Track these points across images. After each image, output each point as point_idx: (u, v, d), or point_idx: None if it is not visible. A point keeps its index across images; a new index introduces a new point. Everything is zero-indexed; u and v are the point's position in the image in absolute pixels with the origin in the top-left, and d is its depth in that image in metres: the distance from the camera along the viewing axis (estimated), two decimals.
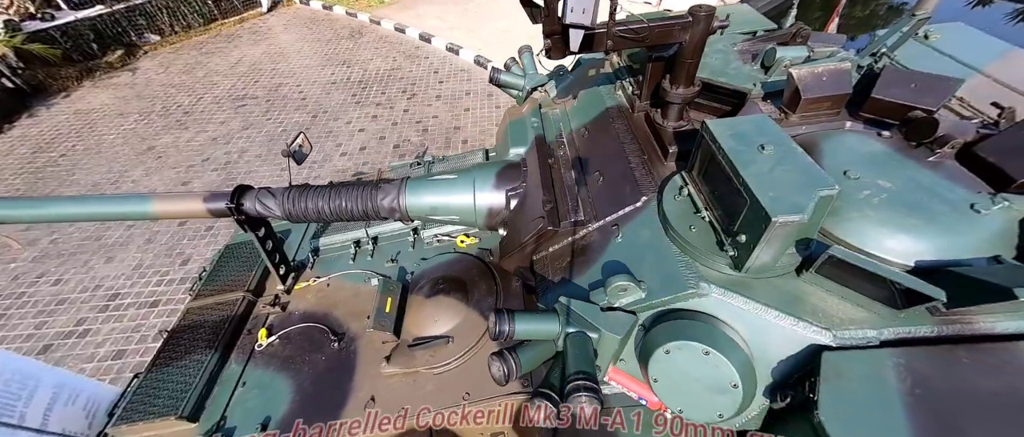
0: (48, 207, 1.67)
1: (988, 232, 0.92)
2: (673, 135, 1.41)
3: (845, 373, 0.82)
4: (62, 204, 1.68)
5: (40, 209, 1.67)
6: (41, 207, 1.67)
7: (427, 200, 1.73)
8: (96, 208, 1.68)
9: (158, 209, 1.71)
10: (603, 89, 1.85)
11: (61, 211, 1.67)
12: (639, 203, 1.30)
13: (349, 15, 10.12)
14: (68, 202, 1.68)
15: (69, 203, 1.68)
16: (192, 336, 2.00)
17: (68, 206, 1.68)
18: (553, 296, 1.36)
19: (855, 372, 0.82)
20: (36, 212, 1.66)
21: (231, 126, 6.46)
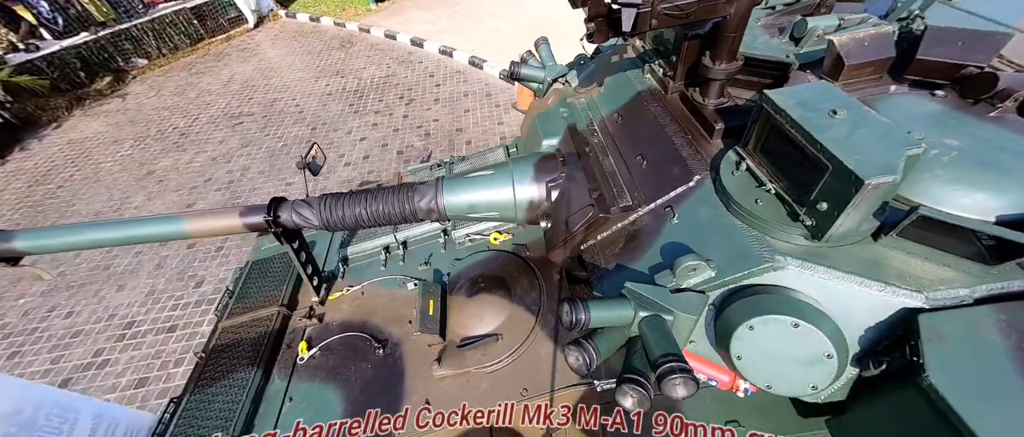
0: (80, 234, 1.63)
1: None
2: (716, 112, 1.40)
3: (946, 334, 0.81)
4: (95, 230, 1.64)
5: (73, 236, 1.63)
6: (73, 235, 1.63)
7: (465, 198, 1.71)
8: (130, 231, 1.65)
9: (192, 228, 1.67)
10: (631, 74, 1.84)
11: (94, 237, 1.63)
12: (692, 182, 1.29)
13: (337, 25, 10.06)
14: (100, 227, 1.64)
15: (102, 228, 1.64)
16: (231, 355, 1.96)
17: (101, 231, 1.64)
18: (610, 283, 1.35)
19: (956, 332, 0.81)
20: (69, 240, 1.62)
21: (230, 145, 6.38)
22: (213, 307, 3.94)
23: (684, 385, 0.88)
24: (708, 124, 1.39)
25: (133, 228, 1.65)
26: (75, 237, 1.63)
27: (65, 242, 1.63)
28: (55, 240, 1.62)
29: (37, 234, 1.63)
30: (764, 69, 1.41)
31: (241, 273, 2.82)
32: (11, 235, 1.60)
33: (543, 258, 1.98)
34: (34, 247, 1.62)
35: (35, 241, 1.61)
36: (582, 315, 1.01)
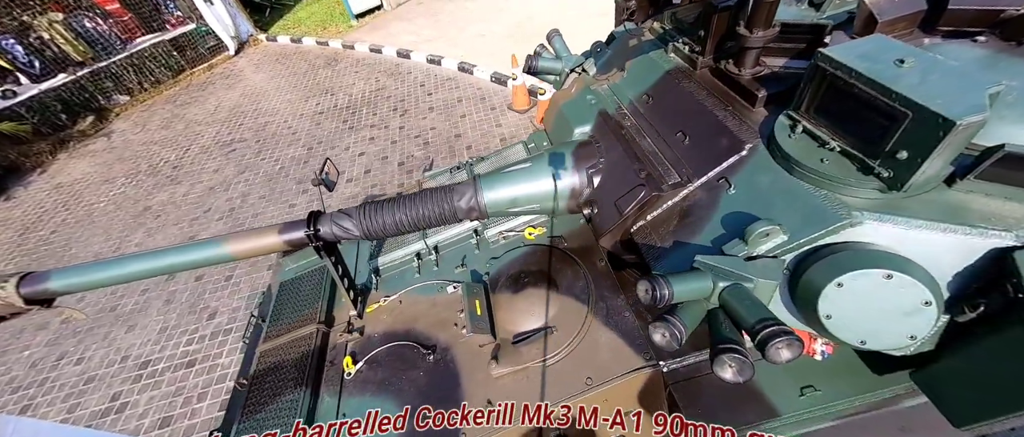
0: (117, 268, 1.58)
1: None
2: (754, 81, 1.41)
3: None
4: (132, 262, 1.58)
5: (109, 271, 1.57)
6: (109, 269, 1.57)
7: (506, 193, 1.69)
8: (170, 260, 1.60)
9: (233, 249, 1.63)
10: (653, 55, 1.85)
11: (132, 270, 1.58)
12: (744, 151, 1.29)
13: (320, 44, 10.00)
14: (138, 259, 1.59)
15: (139, 260, 1.59)
16: (275, 379, 1.91)
17: (139, 263, 1.58)
18: (671, 261, 1.34)
19: None
20: (105, 275, 1.57)
21: (226, 173, 6.28)
22: (230, 337, 3.86)
23: (788, 348, 0.87)
24: (748, 93, 1.40)
25: (173, 256, 1.60)
26: (111, 272, 1.58)
27: (101, 277, 1.58)
28: (91, 277, 1.57)
29: (71, 272, 1.57)
30: (797, 34, 1.42)
31: (264, 297, 2.76)
32: (45, 276, 1.55)
33: (583, 247, 1.97)
34: (70, 286, 1.56)
35: (70, 280, 1.55)
36: (665, 290, 0.99)
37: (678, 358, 1.43)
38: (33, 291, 1.53)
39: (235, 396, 2.09)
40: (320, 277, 2.33)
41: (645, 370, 1.45)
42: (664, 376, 1.43)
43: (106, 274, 1.58)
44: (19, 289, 1.52)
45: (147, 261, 1.59)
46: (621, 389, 1.48)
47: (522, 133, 5.71)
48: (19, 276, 1.55)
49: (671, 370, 1.42)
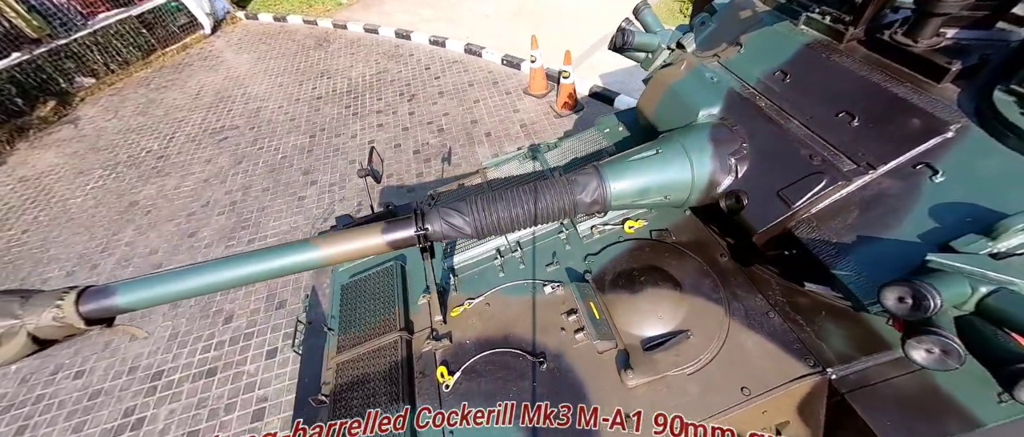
0: (191, 279, 1.32)
1: None
2: (938, 53, 1.27)
3: None
4: (208, 272, 1.33)
5: (182, 283, 1.31)
6: (182, 281, 1.31)
7: (634, 184, 1.52)
8: (253, 268, 1.35)
9: (327, 253, 1.40)
10: (779, 28, 1.68)
11: (209, 280, 1.32)
12: (950, 133, 1.16)
13: (307, 23, 9.34)
14: (214, 268, 1.33)
15: (215, 269, 1.33)
16: (362, 393, 1.71)
17: (217, 273, 1.33)
18: (859, 258, 1.21)
19: None
20: (178, 288, 1.31)
21: (221, 163, 5.79)
22: (252, 343, 3.56)
23: None
24: (932, 67, 1.26)
25: (256, 264, 1.35)
26: (185, 284, 1.32)
27: (174, 290, 1.31)
28: (162, 290, 1.30)
29: (139, 285, 1.30)
30: None
31: (310, 300, 2.52)
32: (109, 291, 1.28)
33: (696, 241, 1.83)
34: (139, 301, 1.30)
35: (139, 294, 1.29)
36: (937, 299, 0.85)
37: (846, 364, 1.32)
38: (95, 309, 1.26)
39: (312, 414, 1.86)
40: (389, 279, 2.10)
41: (810, 378, 1.33)
42: (833, 384, 1.31)
43: (180, 286, 1.32)
44: (78, 306, 1.24)
45: (227, 270, 1.34)
46: (780, 400, 1.36)
47: (543, 119, 5.50)
48: (76, 291, 1.27)
49: (841, 377, 1.30)
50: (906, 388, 1.28)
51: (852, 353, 1.34)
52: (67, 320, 1.25)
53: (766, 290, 1.57)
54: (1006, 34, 1.30)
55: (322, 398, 1.79)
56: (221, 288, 1.37)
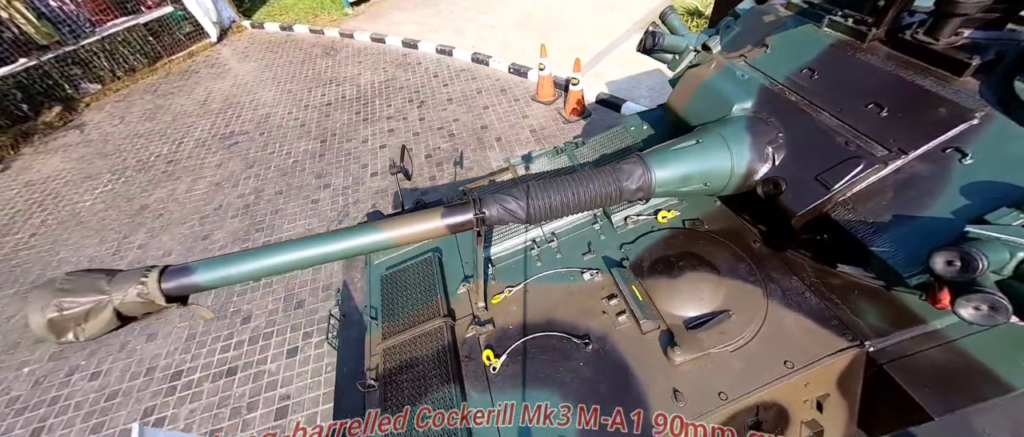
0: (264, 258, 1.38)
1: None
2: (957, 49, 1.40)
3: None
4: (282, 252, 1.39)
5: (257, 262, 1.38)
6: (257, 260, 1.37)
7: (677, 171, 1.62)
8: (324, 248, 1.42)
9: (393, 235, 1.47)
10: (805, 29, 1.81)
11: (283, 260, 1.38)
12: (975, 120, 1.27)
13: (314, 33, 9.48)
14: (287, 249, 1.39)
15: (289, 249, 1.39)
16: (411, 376, 1.76)
17: (290, 252, 1.39)
18: (897, 235, 1.31)
19: None
20: (253, 266, 1.37)
21: (232, 167, 5.82)
22: (272, 342, 3.57)
23: None
24: (953, 62, 1.38)
25: (328, 244, 1.42)
26: (260, 262, 1.38)
27: (249, 269, 1.37)
28: (237, 269, 1.36)
29: (216, 264, 1.36)
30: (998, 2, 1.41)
31: (342, 295, 2.57)
32: (189, 270, 1.34)
33: (728, 229, 1.93)
34: (216, 280, 1.36)
35: (216, 273, 1.35)
36: (984, 261, 0.95)
37: (882, 337, 1.40)
38: (176, 286, 1.33)
39: (351, 399, 1.90)
40: (428, 269, 2.17)
41: (849, 351, 1.41)
42: (870, 356, 1.40)
43: (254, 265, 1.38)
44: (161, 284, 1.30)
45: (298, 250, 1.40)
46: (821, 372, 1.44)
47: (552, 125, 5.63)
48: (158, 269, 1.33)
49: (878, 350, 1.39)
50: (939, 359, 1.36)
51: (887, 327, 1.43)
52: (150, 296, 1.31)
53: (800, 272, 1.67)
54: (1016, 34, 1.44)
55: (371, 383, 1.83)
56: (292, 268, 1.43)
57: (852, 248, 1.49)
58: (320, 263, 1.46)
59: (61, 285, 1.29)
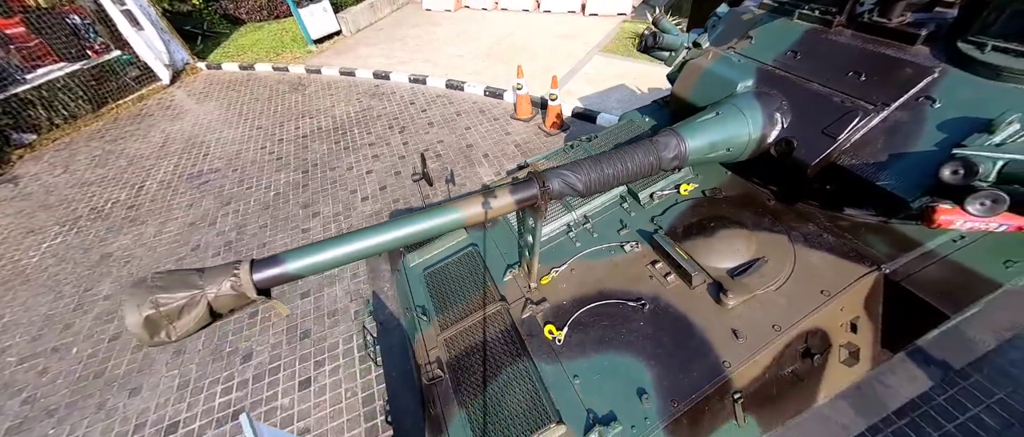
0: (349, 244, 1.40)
1: None
2: (907, 26, 1.77)
3: None
4: (365, 236, 1.41)
5: (341, 248, 1.39)
6: (342, 246, 1.39)
7: (706, 140, 1.85)
8: (405, 230, 1.46)
9: (467, 214, 1.54)
10: (779, 22, 2.17)
11: (368, 244, 1.42)
12: (935, 74, 1.61)
13: (278, 70, 9.37)
14: (371, 233, 1.42)
15: (372, 234, 1.42)
16: (480, 358, 1.78)
17: (373, 237, 1.42)
18: (897, 168, 1.59)
19: None
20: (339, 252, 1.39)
21: (206, 205, 5.50)
22: (281, 376, 3.36)
23: None
24: (906, 35, 1.75)
25: (409, 226, 1.47)
26: (345, 248, 1.40)
27: (335, 255, 1.39)
28: (324, 255, 1.37)
29: (303, 253, 1.37)
30: None
31: (374, 304, 2.54)
32: (280, 260, 1.33)
33: (743, 194, 2.18)
34: (304, 268, 1.36)
35: (304, 260, 1.36)
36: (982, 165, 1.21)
37: (893, 261, 1.66)
38: (267, 277, 1.31)
39: (437, 384, 1.87)
40: (472, 262, 2.23)
41: (871, 275, 1.65)
42: (887, 277, 1.64)
43: (340, 251, 1.39)
44: (252, 275, 1.28)
45: (383, 234, 1.44)
46: (851, 297, 1.67)
47: (534, 139, 5.92)
48: (249, 261, 1.32)
49: (892, 271, 1.64)
50: (938, 272, 1.64)
51: (894, 252, 1.70)
52: (243, 288, 1.29)
53: (814, 220, 1.92)
54: (944, 13, 1.84)
55: (438, 373, 1.83)
56: (377, 251, 1.45)
57: (855, 191, 1.78)
58: (402, 244, 1.50)
59: (154, 283, 1.24)
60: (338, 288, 4.09)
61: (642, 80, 6.83)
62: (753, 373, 1.61)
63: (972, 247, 1.69)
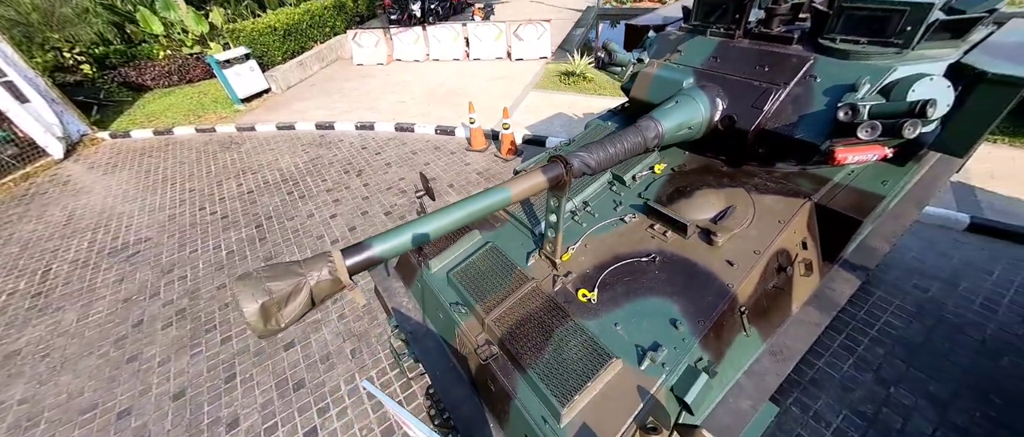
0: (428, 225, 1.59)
1: None
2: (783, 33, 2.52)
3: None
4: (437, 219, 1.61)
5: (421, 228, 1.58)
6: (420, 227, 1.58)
7: (675, 121, 2.37)
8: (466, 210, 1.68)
9: (513, 193, 1.79)
10: (696, 39, 2.88)
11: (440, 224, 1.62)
12: (811, 59, 2.32)
13: (203, 132, 8.80)
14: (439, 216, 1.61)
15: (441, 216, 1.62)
16: (528, 328, 1.99)
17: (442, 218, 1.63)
18: (808, 123, 2.22)
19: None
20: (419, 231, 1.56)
21: (140, 278, 4.87)
22: (280, 432, 3.07)
23: (912, 126, 1.78)
24: (785, 38, 2.49)
25: (468, 206, 1.68)
26: (422, 229, 1.58)
27: (414, 236, 1.55)
28: (405, 237, 1.54)
29: (387, 237, 1.54)
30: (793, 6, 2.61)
31: (396, 319, 2.60)
32: (367, 245, 1.48)
33: (702, 165, 2.74)
34: (390, 249, 1.53)
35: (388, 243, 1.53)
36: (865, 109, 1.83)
37: (816, 192, 2.27)
38: (358, 261, 1.44)
39: (490, 368, 1.98)
40: (495, 255, 2.44)
41: (806, 204, 2.23)
42: (816, 204, 2.24)
43: (418, 231, 1.56)
44: (346, 260, 1.40)
45: (449, 215, 1.64)
46: (798, 221, 2.22)
47: (493, 165, 6.33)
48: (340, 250, 1.43)
49: (818, 200, 2.24)
50: (846, 194, 2.28)
51: (815, 187, 2.31)
52: (338, 273, 1.39)
53: (757, 175, 2.51)
54: (803, 23, 2.66)
55: (493, 350, 1.98)
56: (450, 229, 1.64)
57: (780, 149, 2.40)
58: (467, 222, 1.70)
59: (261, 274, 1.29)
60: (326, 332, 3.89)
61: (575, 108, 7.74)
62: (748, 290, 2.03)
63: (860, 176, 2.39)
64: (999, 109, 2.06)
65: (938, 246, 4.04)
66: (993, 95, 2.04)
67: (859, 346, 3.24)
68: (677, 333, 1.85)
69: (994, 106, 2.07)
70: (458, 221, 1.66)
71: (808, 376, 3.08)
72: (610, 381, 1.76)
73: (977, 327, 3.27)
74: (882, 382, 3.00)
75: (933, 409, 2.81)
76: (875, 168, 2.41)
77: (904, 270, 3.81)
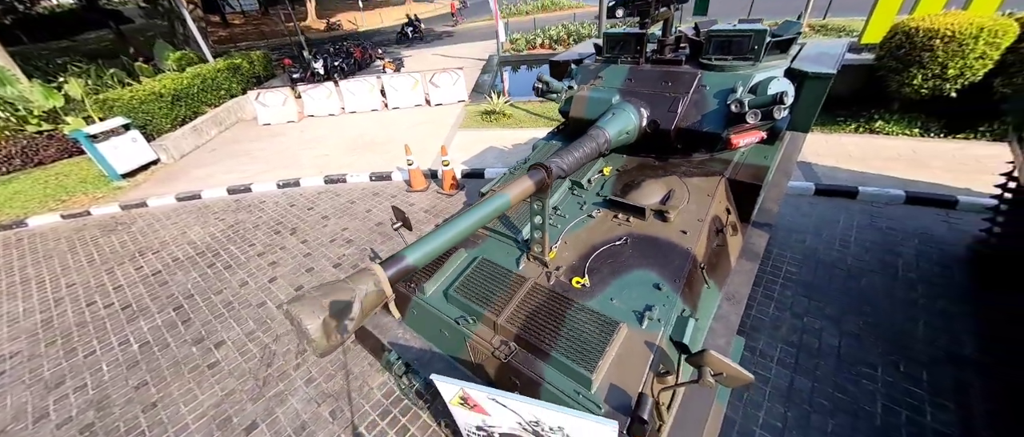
0: (448, 232, 1.74)
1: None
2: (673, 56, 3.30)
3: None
4: (455, 226, 1.76)
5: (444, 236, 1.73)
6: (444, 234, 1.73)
7: (615, 128, 2.89)
8: (477, 216, 1.87)
9: (511, 197, 2.04)
10: (612, 67, 3.56)
11: (458, 231, 1.78)
12: (699, 75, 3.08)
13: (72, 217, 7.38)
14: (457, 223, 1.75)
15: (458, 223, 1.77)
16: (543, 315, 2.20)
17: (459, 225, 1.78)
18: (711, 118, 2.92)
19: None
20: (444, 239, 1.71)
21: (16, 400, 3.82)
22: None
23: (780, 111, 2.54)
24: (676, 61, 3.27)
25: (478, 213, 1.88)
26: (445, 236, 1.74)
27: (440, 243, 1.71)
28: (434, 245, 1.70)
29: (418, 246, 1.69)
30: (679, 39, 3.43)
31: (396, 352, 2.62)
32: (401, 256, 1.61)
33: (640, 164, 3.32)
34: (423, 256, 1.69)
35: (420, 251, 1.69)
36: (745, 103, 2.53)
37: (726, 171, 2.95)
38: (397, 271, 1.56)
39: (511, 365, 2.09)
40: (488, 266, 2.63)
41: (722, 181, 2.89)
42: (728, 179, 2.91)
43: (444, 238, 1.72)
44: (387, 272, 1.49)
45: (464, 221, 1.83)
46: (721, 194, 2.85)
47: (438, 202, 6.47)
48: (379, 263, 1.51)
49: (729, 175, 2.92)
50: (744, 169, 3.01)
51: (724, 168, 3.00)
52: (382, 284, 1.47)
53: (682, 165, 3.15)
54: (684, 50, 3.51)
55: (512, 347, 2.14)
56: (469, 232, 1.80)
57: (693, 142, 3.08)
58: (483, 224, 1.88)
59: (313, 294, 1.31)
60: (294, 401, 3.51)
61: (503, 141, 8.35)
62: (701, 251, 2.54)
63: (749, 155, 3.17)
64: (820, 95, 2.99)
65: (801, 209, 5.26)
66: (815, 87, 2.96)
67: (774, 292, 4.04)
68: (662, 293, 2.23)
69: (817, 94, 2.99)
70: (474, 224, 1.85)
71: (748, 324, 3.73)
72: (622, 343, 2.04)
73: (841, 260, 4.33)
74: (797, 316, 3.77)
75: (833, 327, 3.63)
76: (756, 148, 3.22)
77: (786, 230, 4.88)
